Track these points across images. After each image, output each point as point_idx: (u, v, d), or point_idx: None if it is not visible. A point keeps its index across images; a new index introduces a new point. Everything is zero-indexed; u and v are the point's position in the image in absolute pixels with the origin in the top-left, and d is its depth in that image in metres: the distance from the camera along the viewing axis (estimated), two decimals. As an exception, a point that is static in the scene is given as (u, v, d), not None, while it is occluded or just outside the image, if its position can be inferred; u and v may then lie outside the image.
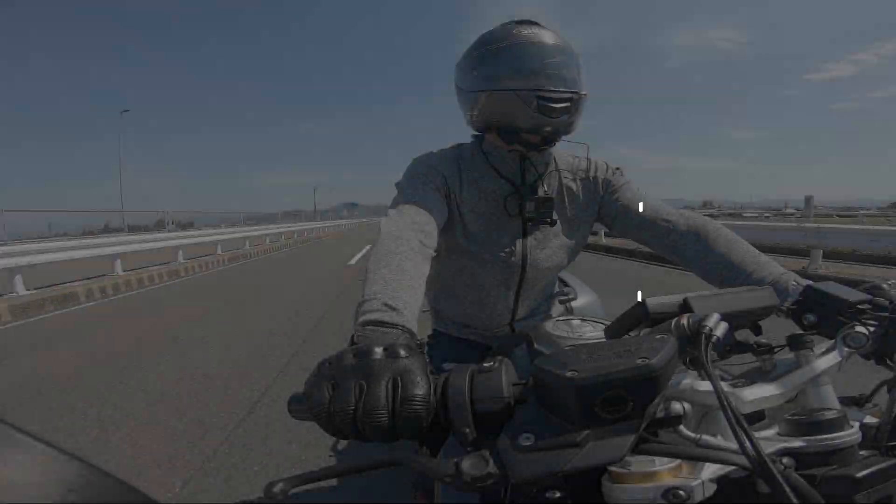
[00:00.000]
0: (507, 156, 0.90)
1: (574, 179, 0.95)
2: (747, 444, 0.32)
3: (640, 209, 0.89)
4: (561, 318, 0.72)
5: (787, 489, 0.30)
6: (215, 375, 2.96)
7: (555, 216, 0.90)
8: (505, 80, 0.82)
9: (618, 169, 0.96)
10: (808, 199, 7.67)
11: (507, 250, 0.91)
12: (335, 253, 12.43)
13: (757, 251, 0.76)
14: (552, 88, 0.80)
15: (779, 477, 0.31)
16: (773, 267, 0.71)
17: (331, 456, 1.91)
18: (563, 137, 0.88)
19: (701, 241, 0.80)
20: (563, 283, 1.38)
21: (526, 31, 0.83)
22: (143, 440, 2.13)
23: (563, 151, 0.98)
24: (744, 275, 0.73)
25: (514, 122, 0.83)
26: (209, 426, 2.24)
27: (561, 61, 0.82)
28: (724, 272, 0.76)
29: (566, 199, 0.94)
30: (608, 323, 0.54)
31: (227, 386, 2.77)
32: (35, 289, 6.12)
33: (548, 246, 0.94)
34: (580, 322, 0.68)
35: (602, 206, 0.95)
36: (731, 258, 0.76)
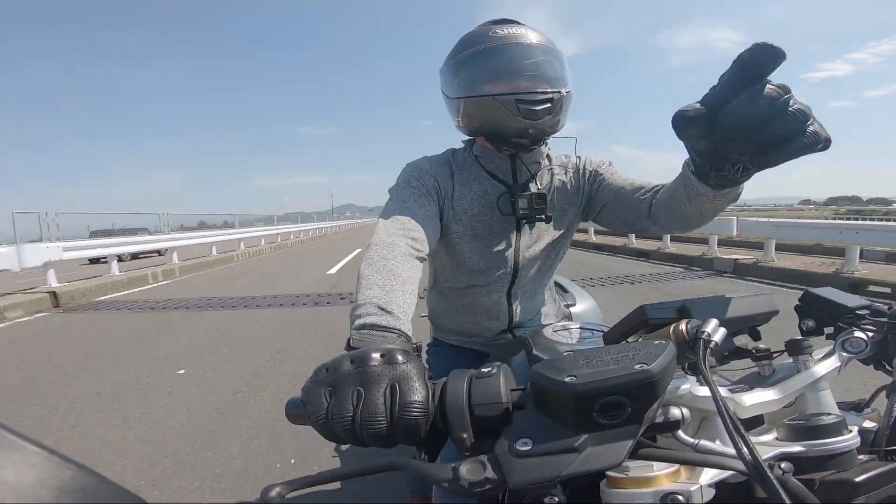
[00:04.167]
0: (498, 157, 0.91)
1: (566, 175, 0.95)
2: (744, 449, 0.32)
3: (620, 191, 0.87)
4: (559, 323, 0.72)
5: (783, 494, 0.30)
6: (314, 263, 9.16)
7: (549, 212, 0.89)
8: (484, 85, 0.81)
9: (609, 164, 0.96)
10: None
11: (501, 250, 0.92)
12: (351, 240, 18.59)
13: None
14: (532, 90, 0.79)
15: (774, 482, 0.31)
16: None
17: (334, 457, 1.91)
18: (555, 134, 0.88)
19: (659, 194, 0.77)
20: (562, 288, 1.38)
21: (502, 32, 0.82)
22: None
23: (555, 150, 0.98)
24: (676, 182, 0.67)
25: (498, 126, 0.82)
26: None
27: (540, 61, 0.81)
28: (671, 200, 0.71)
29: (557, 196, 0.94)
30: (607, 329, 0.54)
31: (315, 276, 7.50)
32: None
33: (541, 244, 0.94)
34: (578, 328, 0.68)
35: (590, 197, 0.94)
36: (670, 185, 0.71)
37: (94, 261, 8.67)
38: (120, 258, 8.54)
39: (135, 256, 12.02)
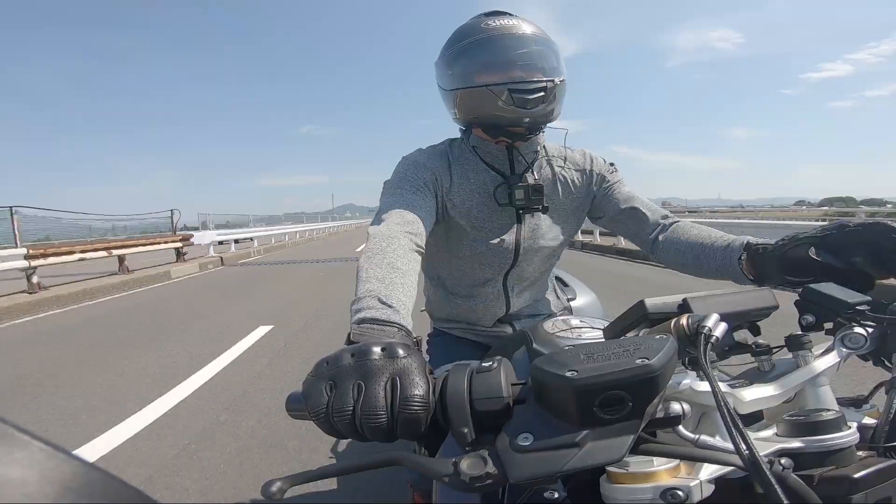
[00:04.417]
0: (495, 148, 0.91)
1: (568, 169, 0.95)
2: (742, 445, 0.32)
3: (630, 206, 0.92)
4: (560, 317, 0.72)
5: (780, 491, 0.30)
6: (342, 246, 15.49)
7: (546, 203, 0.89)
8: (477, 76, 0.83)
9: (612, 164, 0.97)
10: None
11: (499, 240, 0.92)
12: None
13: (718, 231, 0.83)
14: (524, 80, 0.80)
15: (771, 479, 0.31)
16: (726, 235, 0.79)
17: (330, 456, 1.91)
18: (548, 124, 0.88)
19: (674, 233, 0.86)
20: (562, 282, 1.38)
21: (495, 24, 0.83)
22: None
23: (555, 142, 0.99)
24: (707, 249, 0.80)
25: (492, 116, 0.84)
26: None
27: (532, 51, 0.82)
28: (691, 253, 0.82)
29: (559, 188, 0.94)
30: (607, 323, 0.54)
31: (349, 251, 12.80)
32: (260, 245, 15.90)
33: (541, 235, 0.94)
34: (579, 322, 0.68)
35: (595, 200, 0.96)
36: (696, 239, 0.83)
37: (220, 243, 13.71)
38: (237, 241, 14.45)
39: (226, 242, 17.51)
